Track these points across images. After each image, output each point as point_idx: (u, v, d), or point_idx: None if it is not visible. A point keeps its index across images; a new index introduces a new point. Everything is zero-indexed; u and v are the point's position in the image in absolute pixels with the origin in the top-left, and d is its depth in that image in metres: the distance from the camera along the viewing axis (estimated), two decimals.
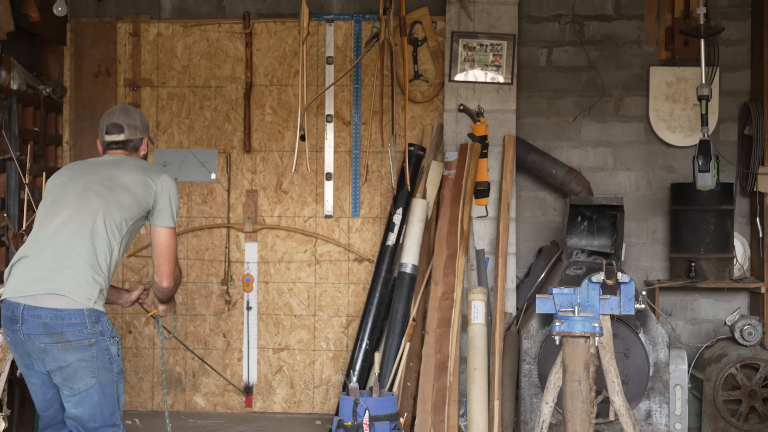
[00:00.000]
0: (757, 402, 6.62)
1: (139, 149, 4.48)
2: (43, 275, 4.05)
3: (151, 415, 7.29)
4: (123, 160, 4.39)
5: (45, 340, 3.98)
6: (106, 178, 4.25)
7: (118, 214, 4.19)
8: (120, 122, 4.41)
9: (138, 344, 7.43)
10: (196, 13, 7.52)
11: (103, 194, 4.20)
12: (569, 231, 6.81)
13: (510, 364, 6.46)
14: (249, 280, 7.38)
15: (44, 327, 3.97)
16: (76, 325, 3.99)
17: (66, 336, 3.98)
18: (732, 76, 7.25)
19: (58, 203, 4.21)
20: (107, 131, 4.42)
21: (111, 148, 4.45)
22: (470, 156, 6.74)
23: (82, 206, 4.16)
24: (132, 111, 4.50)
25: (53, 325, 3.97)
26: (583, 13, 7.37)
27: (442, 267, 6.55)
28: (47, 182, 4.41)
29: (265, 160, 7.43)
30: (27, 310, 3.98)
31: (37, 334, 3.98)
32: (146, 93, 7.49)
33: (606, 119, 7.37)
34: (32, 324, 3.98)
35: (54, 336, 3.97)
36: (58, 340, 3.98)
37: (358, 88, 7.36)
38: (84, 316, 4.01)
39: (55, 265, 4.05)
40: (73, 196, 4.19)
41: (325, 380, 7.38)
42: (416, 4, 7.23)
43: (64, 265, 4.04)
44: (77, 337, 3.99)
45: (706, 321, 7.32)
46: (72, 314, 3.99)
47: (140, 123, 4.48)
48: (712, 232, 6.89)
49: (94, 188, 4.21)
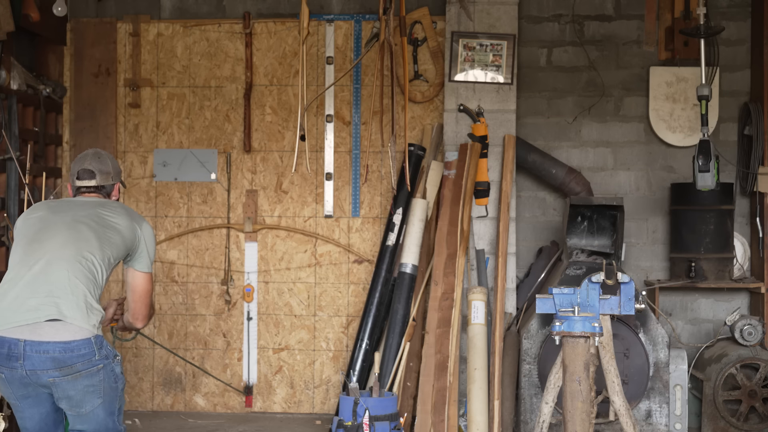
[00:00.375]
0: (757, 402, 6.62)
1: (111, 195, 4.44)
2: (42, 302, 3.93)
3: (151, 415, 7.29)
4: (106, 202, 4.35)
5: (54, 374, 3.88)
6: (96, 215, 4.20)
7: (108, 250, 4.14)
8: (92, 168, 4.35)
9: (138, 344, 7.43)
10: (196, 13, 7.52)
11: (95, 228, 4.15)
12: (569, 231, 6.81)
13: (510, 364, 6.46)
14: (249, 290, 7.36)
15: (53, 362, 3.87)
16: (85, 355, 3.91)
17: (76, 367, 3.90)
18: (732, 76, 7.25)
19: (45, 233, 4.11)
20: (78, 176, 4.36)
21: (82, 192, 4.39)
22: (470, 156, 6.74)
23: (76, 236, 4.09)
24: (104, 156, 4.43)
25: (62, 358, 3.87)
26: (583, 13, 7.37)
27: (442, 267, 6.55)
28: (20, 218, 4.29)
29: (265, 160, 7.43)
30: (30, 345, 3.85)
31: (44, 369, 3.87)
32: (146, 93, 7.49)
33: (606, 119, 7.37)
34: (38, 360, 3.86)
35: (64, 369, 3.89)
36: (68, 373, 3.90)
37: (358, 88, 7.36)
38: (92, 344, 3.94)
39: (56, 292, 3.94)
40: (63, 227, 4.12)
41: (325, 380, 7.38)
42: (416, 4, 7.23)
43: (67, 291, 3.95)
44: (86, 366, 3.92)
45: (706, 321, 7.32)
46: (80, 345, 3.90)
47: (112, 169, 4.42)
48: (712, 232, 6.89)
49: (85, 221, 4.15)
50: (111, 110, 7.45)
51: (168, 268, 7.45)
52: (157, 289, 7.45)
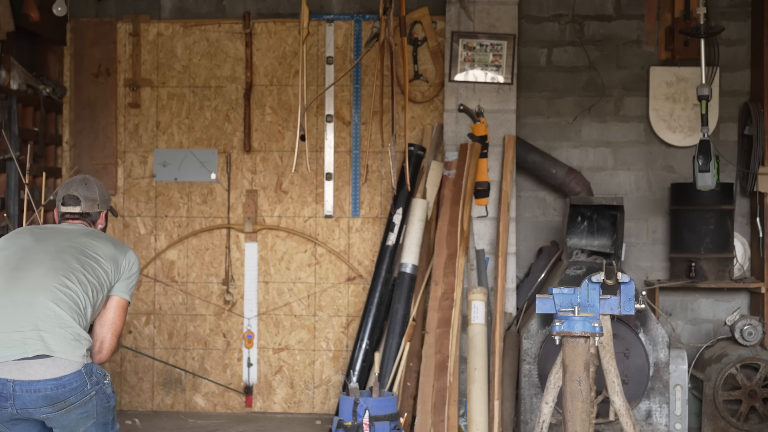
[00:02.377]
0: (757, 402, 6.62)
1: (97, 223, 4.30)
2: (28, 336, 3.77)
3: (151, 415, 7.29)
4: (90, 231, 4.21)
5: (47, 410, 3.78)
6: (81, 245, 4.06)
7: (92, 279, 3.99)
8: (77, 194, 4.24)
9: (138, 344, 7.43)
10: (196, 13, 7.52)
11: (79, 259, 4.00)
12: (569, 231, 6.81)
13: (510, 364, 6.46)
14: (251, 336, 7.32)
15: (45, 399, 3.76)
16: (77, 388, 3.81)
17: (69, 401, 3.80)
18: (732, 76, 7.24)
19: (28, 262, 3.95)
20: (63, 202, 4.25)
21: (67, 218, 4.27)
22: (470, 156, 6.74)
23: (60, 266, 3.94)
24: (91, 183, 4.31)
25: (55, 395, 3.76)
26: (583, 13, 7.37)
27: (442, 267, 6.55)
28: (2, 240, 4.13)
29: (265, 160, 7.43)
30: (20, 385, 3.72)
31: (36, 407, 3.76)
32: (146, 93, 7.49)
33: (606, 119, 7.37)
34: (29, 399, 3.74)
35: (57, 405, 3.78)
36: (61, 408, 3.80)
37: (358, 88, 7.36)
38: (83, 376, 3.82)
39: (41, 325, 3.79)
40: (46, 256, 3.97)
41: (325, 380, 7.38)
42: (416, 4, 7.22)
43: (53, 324, 3.80)
44: (79, 398, 3.82)
45: (706, 321, 7.32)
46: (72, 379, 3.79)
47: (99, 196, 4.29)
48: (712, 232, 6.89)
49: (69, 251, 4.01)
50: (111, 110, 7.45)
51: (168, 268, 7.45)
52: (157, 289, 7.45)
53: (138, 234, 7.42)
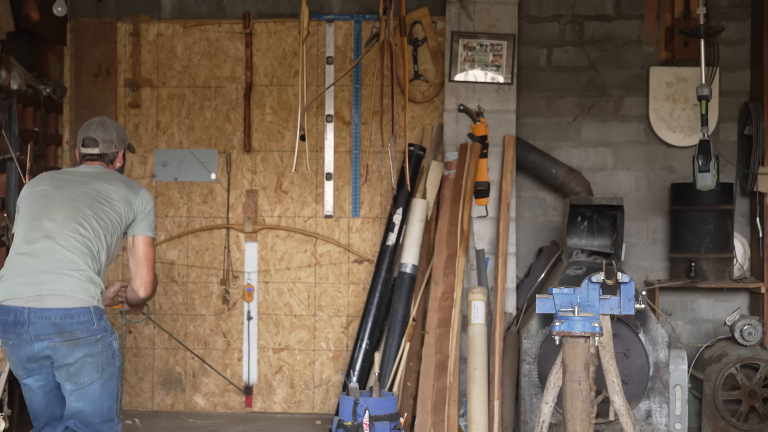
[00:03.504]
0: (757, 402, 6.62)
1: (115, 162, 4.63)
2: (46, 278, 4.15)
3: (151, 415, 7.29)
4: (105, 173, 4.52)
5: (55, 339, 4.10)
6: (95, 191, 4.39)
7: (106, 224, 4.34)
8: (95, 136, 4.56)
9: (138, 344, 7.44)
10: (196, 13, 7.52)
11: (92, 205, 4.34)
12: (569, 231, 6.81)
13: (510, 364, 6.46)
14: (250, 290, 7.36)
15: (54, 327, 4.09)
16: (84, 322, 4.13)
17: (75, 334, 4.11)
18: (732, 76, 7.25)
19: (47, 211, 4.31)
20: (83, 144, 4.57)
21: (87, 159, 4.60)
22: (470, 156, 6.74)
23: (74, 214, 4.28)
24: (109, 125, 4.63)
25: (63, 324, 4.09)
26: (583, 13, 7.37)
27: (442, 267, 6.55)
28: (25, 188, 4.49)
29: (265, 160, 7.43)
30: (34, 312, 4.09)
31: (46, 334, 4.09)
32: (146, 93, 7.49)
33: (606, 119, 7.37)
34: (41, 325, 4.09)
35: (64, 335, 4.10)
36: (67, 339, 4.11)
37: (358, 88, 7.36)
38: (91, 313, 4.15)
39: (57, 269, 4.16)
40: (63, 205, 4.31)
41: (325, 380, 7.38)
42: (416, 4, 7.23)
43: (68, 268, 4.17)
44: (85, 334, 4.13)
45: (706, 321, 7.32)
46: (80, 312, 4.12)
47: (116, 137, 4.61)
48: (712, 232, 6.89)
49: (83, 199, 4.34)
50: (111, 110, 7.45)
51: (168, 268, 7.45)
52: (157, 289, 7.45)
53: None
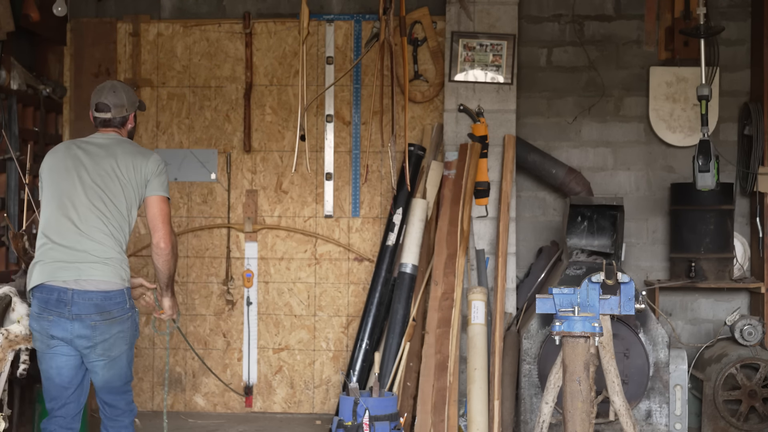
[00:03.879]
0: (757, 402, 6.62)
1: (126, 124, 4.89)
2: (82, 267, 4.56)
3: (151, 415, 7.29)
4: (115, 145, 4.76)
5: (96, 318, 4.55)
6: (107, 172, 4.67)
7: (123, 204, 4.68)
8: (107, 102, 4.80)
9: (138, 344, 7.43)
10: (196, 13, 7.52)
11: (110, 188, 4.66)
12: (569, 231, 6.81)
13: (510, 364, 6.46)
14: (249, 276, 7.39)
15: (95, 307, 4.55)
16: (120, 303, 4.60)
17: (112, 313, 4.59)
18: (732, 76, 7.25)
19: (73, 192, 4.63)
20: (96, 108, 4.82)
21: (100, 124, 4.85)
22: (470, 156, 6.74)
23: (96, 199, 4.62)
24: (119, 89, 4.87)
25: (103, 305, 4.56)
26: (583, 13, 7.37)
27: (442, 267, 6.55)
28: (46, 159, 4.76)
29: (265, 160, 7.43)
30: (77, 294, 4.54)
31: (88, 313, 4.54)
32: (146, 93, 7.49)
33: (606, 119, 7.37)
34: (84, 305, 4.53)
35: (104, 314, 4.56)
36: (106, 318, 4.57)
37: (358, 88, 7.36)
38: (124, 294, 4.63)
39: (91, 259, 4.57)
40: (83, 192, 4.63)
41: (325, 380, 7.38)
42: (416, 4, 7.23)
43: (101, 257, 4.58)
44: (120, 312, 4.61)
45: (706, 321, 7.32)
46: (116, 294, 4.60)
47: (126, 101, 4.84)
48: (712, 232, 6.89)
49: (98, 182, 4.65)
50: None
51: None
52: None
53: (138, 234, 7.41)
